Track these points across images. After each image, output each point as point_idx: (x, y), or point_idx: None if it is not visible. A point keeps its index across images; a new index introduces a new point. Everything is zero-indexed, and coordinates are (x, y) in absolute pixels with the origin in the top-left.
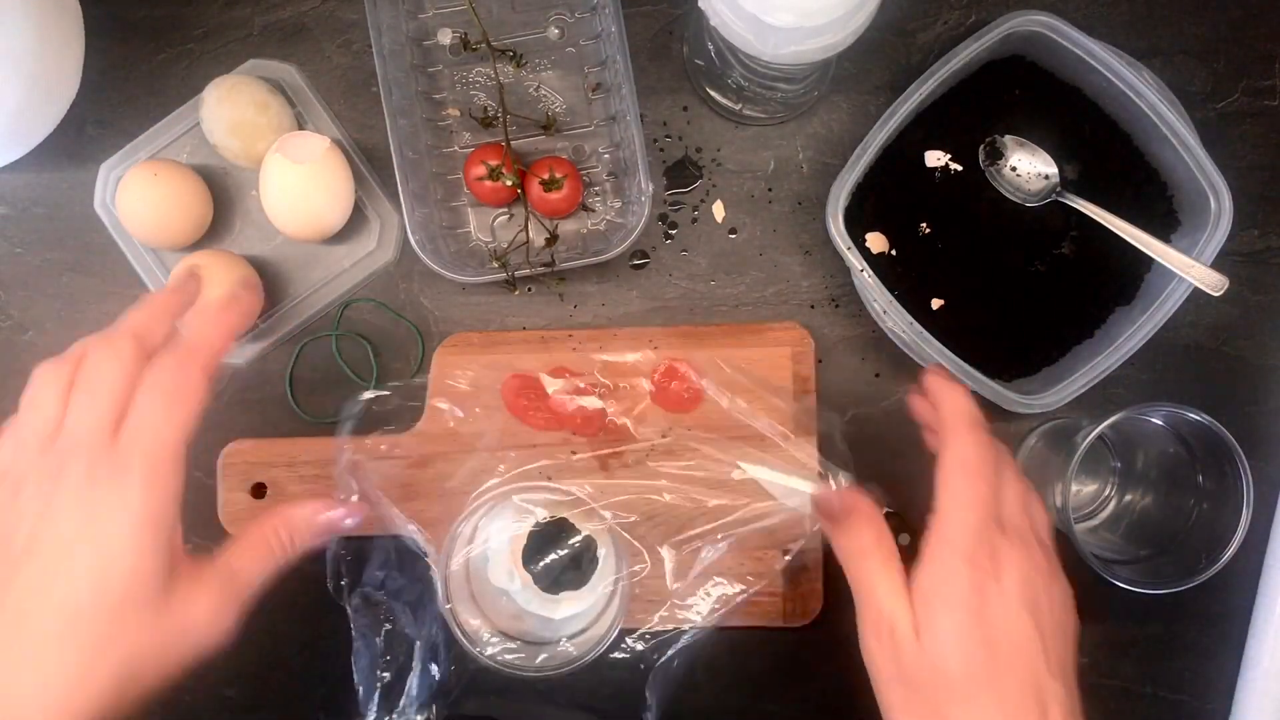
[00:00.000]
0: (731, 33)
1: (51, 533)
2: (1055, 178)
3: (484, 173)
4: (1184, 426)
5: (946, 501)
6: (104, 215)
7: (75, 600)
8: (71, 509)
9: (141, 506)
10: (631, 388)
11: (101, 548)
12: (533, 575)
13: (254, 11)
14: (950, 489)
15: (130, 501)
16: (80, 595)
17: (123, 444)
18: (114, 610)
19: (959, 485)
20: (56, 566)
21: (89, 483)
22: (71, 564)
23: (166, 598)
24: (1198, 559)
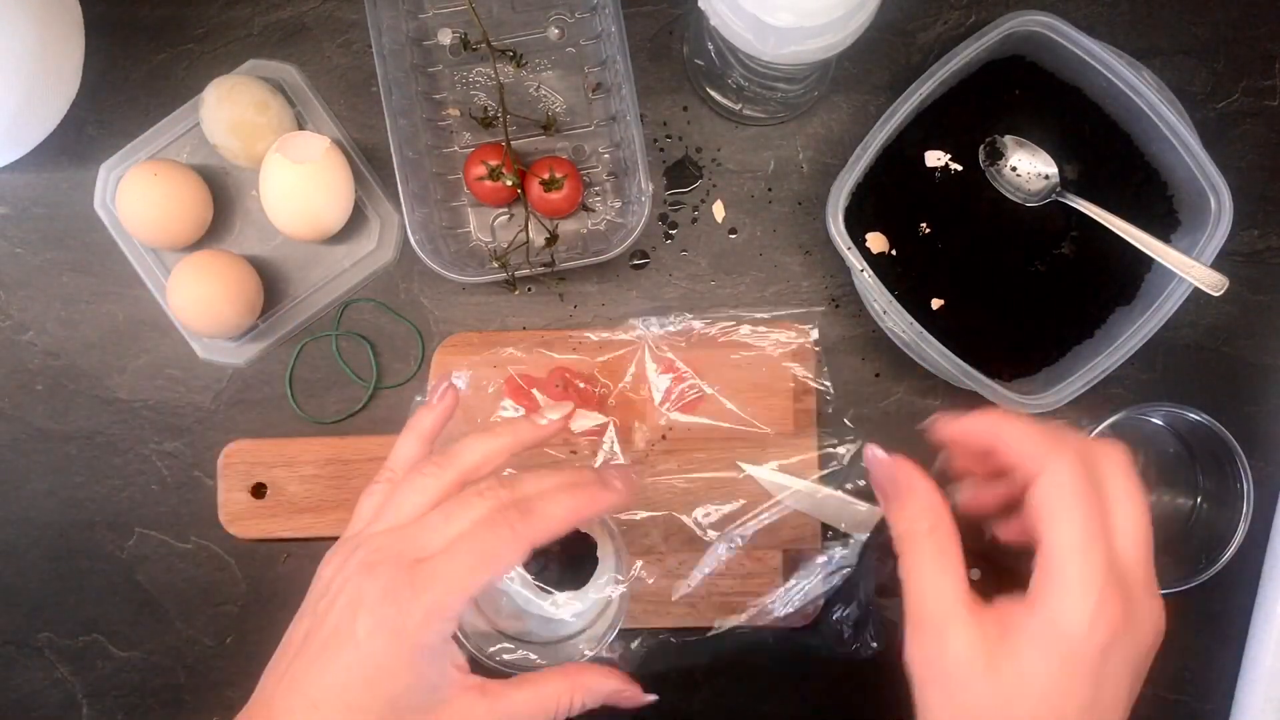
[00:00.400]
0: (731, 33)
1: (347, 627)
2: (1055, 178)
3: (484, 173)
4: (1184, 426)
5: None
6: (104, 215)
7: (351, 693)
8: (354, 610)
9: (417, 636)
10: (632, 388)
11: (377, 658)
12: (532, 575)
13: (254, 11)
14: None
15: (408, 628)
16: (354, 690)
17: (422, 576)
18: (382, 710)
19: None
20: (340, 657)
21: (381, 597)
22: (352, 660)
23: (435, 710)
24: (1198, 559)
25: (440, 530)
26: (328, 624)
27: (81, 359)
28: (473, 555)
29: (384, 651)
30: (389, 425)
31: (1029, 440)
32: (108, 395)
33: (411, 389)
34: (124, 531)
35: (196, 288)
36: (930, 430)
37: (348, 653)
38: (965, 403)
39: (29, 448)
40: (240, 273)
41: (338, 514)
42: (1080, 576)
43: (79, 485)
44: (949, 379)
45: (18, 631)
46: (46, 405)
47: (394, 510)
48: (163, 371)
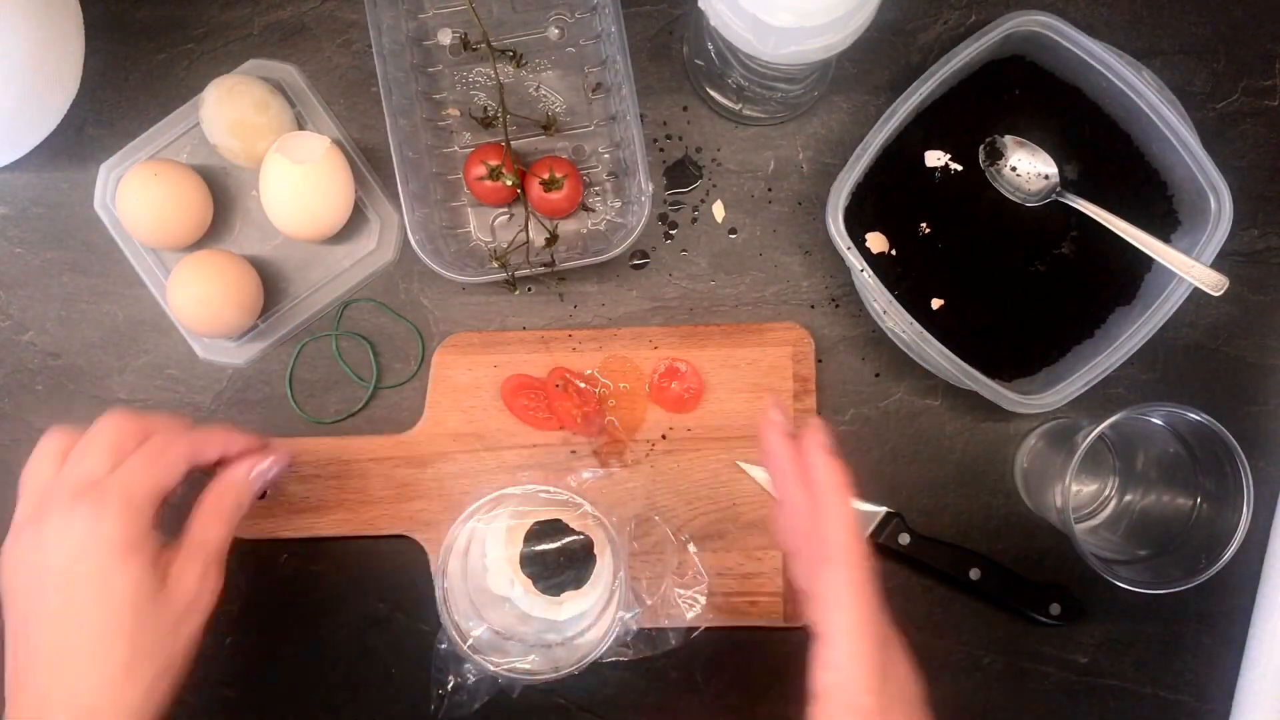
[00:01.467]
0: (731, 33)
1: (52, 564)
2: (1055, 178)
3: (484, 173)
4: (1184, 426)
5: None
6: (104, 215)
7: (94, 616)
8: (57, 545)
9: (117, 527)
10: (631, 388)
11: (96, 569)
12: (532, 579)
13: (254, 11)
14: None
15: (105, 528)
16: (95, 611)
17: (103, 485)
18: (126, 614)
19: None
20: (68, 591)
21: (66, 517)
22: (78, 587)
23: (162, 586)
24: (1198, 559)
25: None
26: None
27: (81, 359)
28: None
29: (100, 555)
30: (389, 425)
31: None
32: (108, 395)
33: (412, 389)
34: None
35: (196, 288)
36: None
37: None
38: (965, 402)
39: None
40: (240, 273)
41: (338, 514)
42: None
43: None
44: (949, 379)
45: None
46: (46, 405)
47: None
48: (163, 371)
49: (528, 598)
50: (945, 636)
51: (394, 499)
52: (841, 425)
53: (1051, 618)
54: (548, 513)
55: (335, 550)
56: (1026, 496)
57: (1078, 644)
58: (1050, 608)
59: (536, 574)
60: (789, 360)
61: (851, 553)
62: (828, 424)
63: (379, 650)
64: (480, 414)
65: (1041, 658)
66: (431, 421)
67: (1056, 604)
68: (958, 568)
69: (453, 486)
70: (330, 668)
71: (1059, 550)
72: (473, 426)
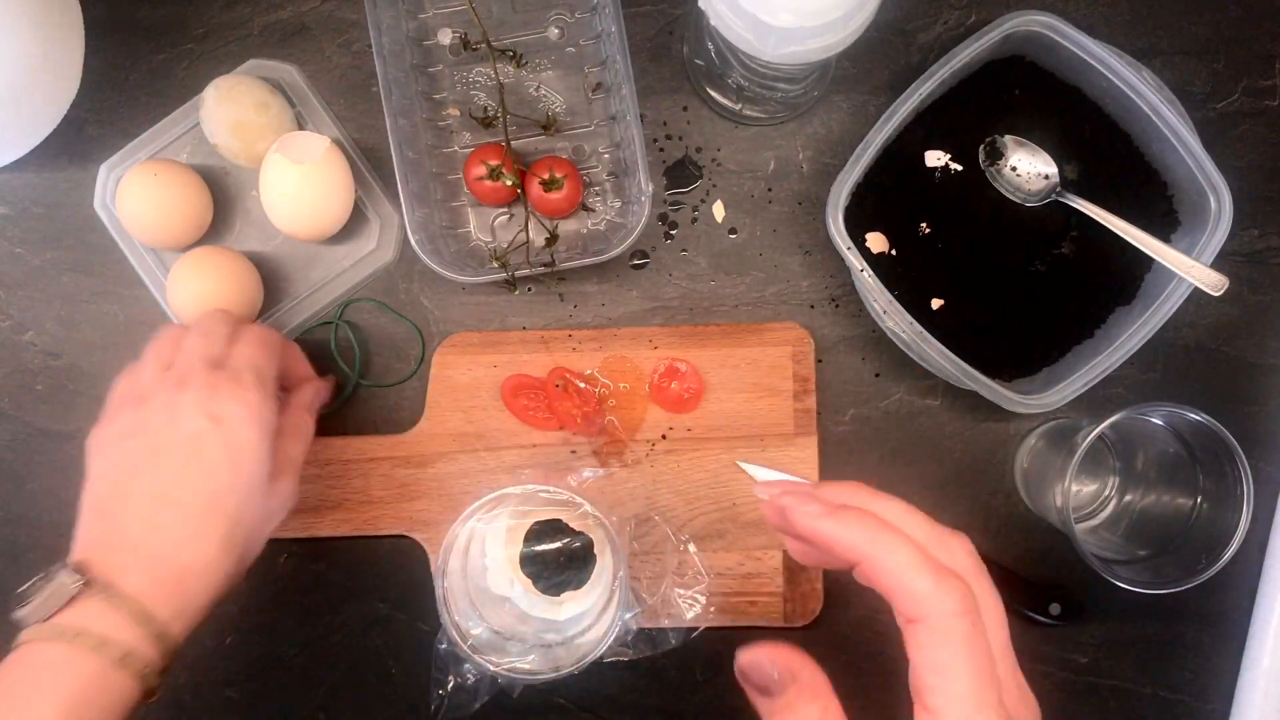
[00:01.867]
0: (731, 33)
1: (182, 430)
2: (1055, 178)
3: (484, 173)
4: (1184, 426)
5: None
6: (104, 215)
7: (214, 483)
8: (196, 411)
9: (259, 408)
10: (631, 388)
11: (231, 441)
12: (532, 579)
13: (254, 11)
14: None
15: (251, 403)
16: (218, 479)
17: (233, 365)
18: (243, 491)
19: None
20: (194, 456)
21: (210, 391)
22: (207, 454)
23: (271, 482)
24: (1198, 559)
25: (215, 350)
26: (171, 433)
27: (81, 359)
28: (252, 345)
29: (246, 436)
30: (389, 425)
31: (905, 579)
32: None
33: (412, 389)
34: None
35: (196, 285)
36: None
37: (209, 450)
38: (965, 402)
39: (29, 448)
40: (240, 270)
41: (337, 514)
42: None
43: (79, 485)
44: (949, 379)
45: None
46: (46, 405)
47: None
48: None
49: (528, 598)
50: None
51: (394, 499)
52: (841, 425)
53: (1051, 618)
54: (548, 513)
55: (335, 550)
56: (1026, 496)
57: (1078, 644)
58: (1050, 608)
59: (536, 574)
60: (789, 360)
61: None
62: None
63: (379, 650)
64: (480, 414)
65: (1041, 658)
66: (431, 421)
67: (1056, 604)
68: None
69: (453, 486)
70: (330, 668)
71: (1059, 550)
72: (473, 426)
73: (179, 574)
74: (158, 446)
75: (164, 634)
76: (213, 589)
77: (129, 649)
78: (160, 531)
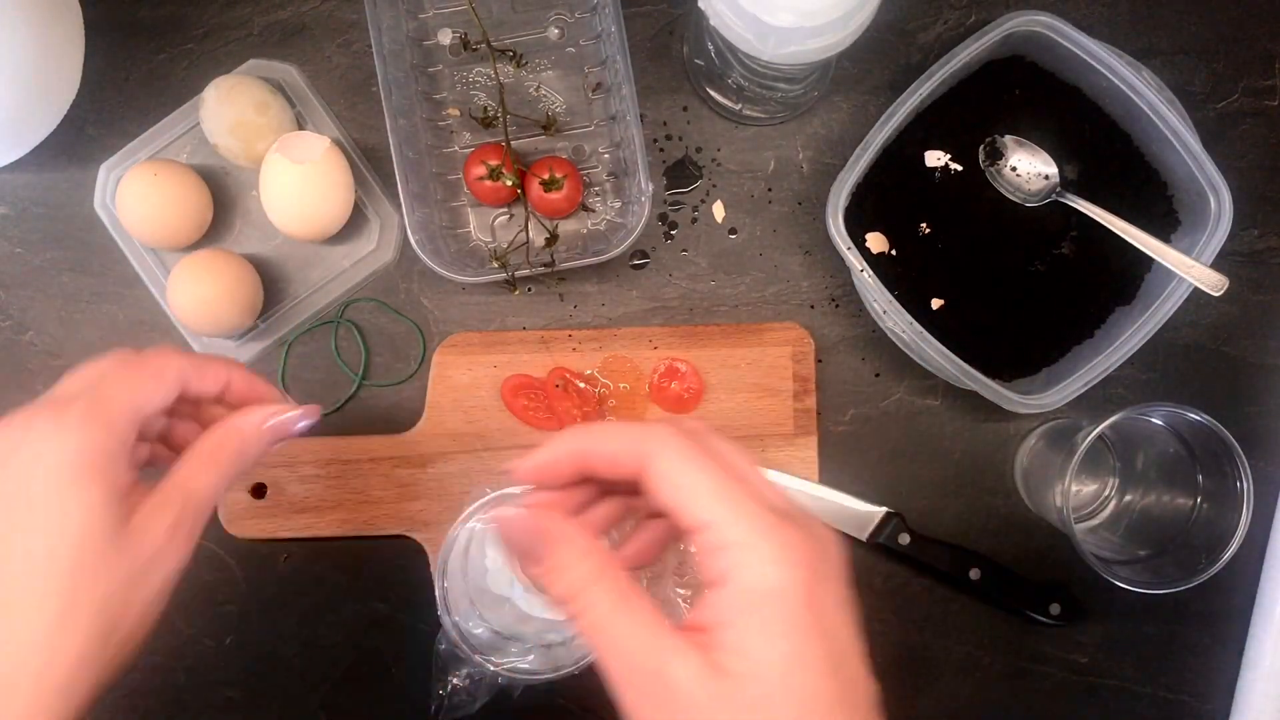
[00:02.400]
0: (731, 33)
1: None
2: (1055, 178)
3: (484, 173)
4: (1184, 426)
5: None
6: (104, 215)
7: (30, 552)
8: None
9: (77, 448)
10: (631, 388)
11: (41, 495)
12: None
13: (254, 11)
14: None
15: (63, 444)
16: (31, 544)
17: (68, 396)
18: (74, 555)
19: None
20: (2, 521)
21: (21, 431)
22: (16, 516)
23: (123, 529)
24: (1198, 559)
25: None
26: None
27: (81, 359)
28: (118, 373)
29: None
30: (388, 424)
31: (617, 438)
32: None
33: (412, 389)
34: None
35: (196, 288)
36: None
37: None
38: (965, 402)
39: None
40: (240, 272)
41: (338, 514)
42: (745, 520)
43: None
44: (949, 379)
45: None
46: None
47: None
48: None
49: (528, 598)
50: (945, 636)
51: (394, 499)
52: (841, 425)
53: (1051, 618)
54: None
55: (335, 550)
56: (1026, 496)
57: (1078, 644)
58: (1050, 608)
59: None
60: (789, 360)
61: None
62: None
63: (379, 650)
64: (480, 414)
65: (1041, 658)
66: (431, 421)
67: (1056, 604)
68: (958, 568)
69: (453, 486)
70: (330, 668)
71: (1059, 550)
72: (473, 426)
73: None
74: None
75: None
76: (77, 683)
77: None
78: None
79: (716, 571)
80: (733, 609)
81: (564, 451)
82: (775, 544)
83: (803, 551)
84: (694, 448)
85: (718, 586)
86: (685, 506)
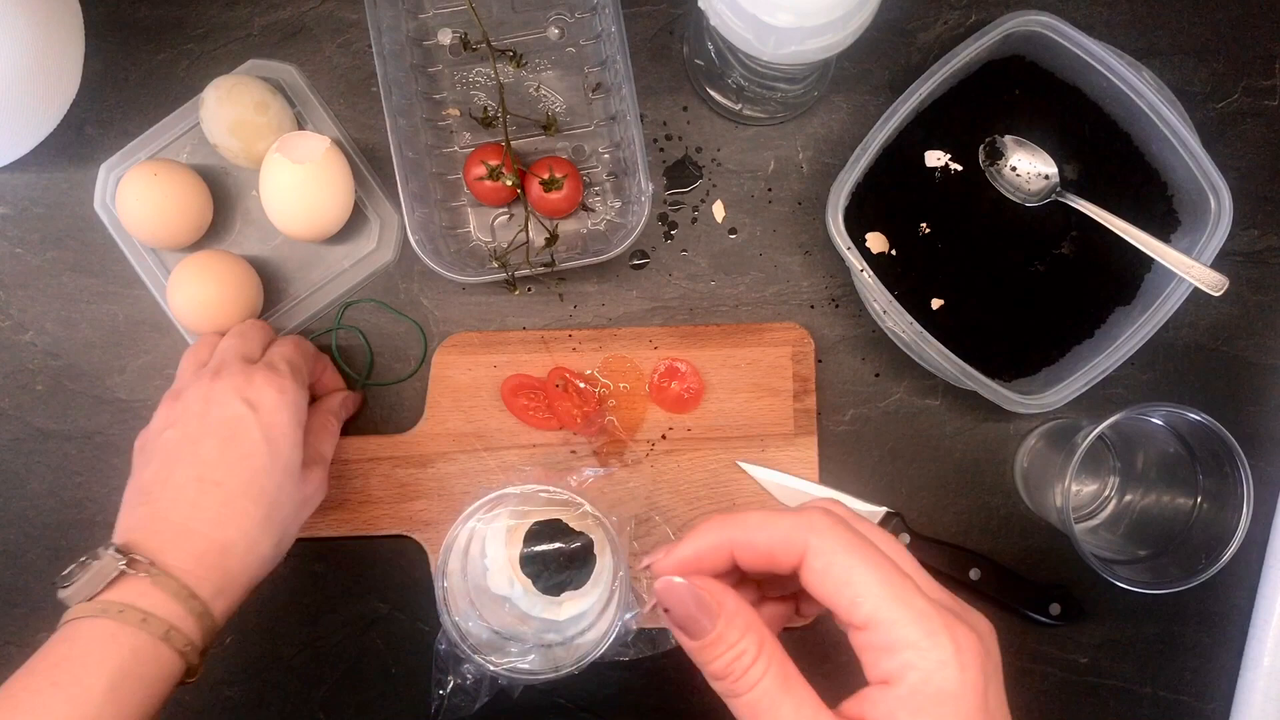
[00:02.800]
0: (731, 33)
1: (218, 415)
2: (1055, 178)
3: (484, 173)
4: (1184, 426)
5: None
6: (104, 215)
7: (252, 465)
8: (232, 396)
9: (293, 396)
10: (631, 388)
11: (267, 425)
12: (532, 580)
13: (254, 11)
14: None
15: (286, 389)
16: (257, 461)
17: (269, 358)
18: (280, 473)
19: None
20: (231, 439)
21: (245, 379)
22: (244, 437)
23: (303, 470)
24: (1198, 559)
25: (250, 349)
26: (209, 418)
27: (81, 359)
28: (287, 345)
29: (280, 420)
30: (389, 425)
31: (771, 528)
32: (108, 395)
33: (412, 389)
34: None
35: (196, 288)
36: (654, 570)
37: (245, 433)
38: (965, 402)
39: (29, 448)
40: (240, 273)
41: (338, 514)
42: (916, 621)
43: (79, 485)
44: (949, 379)
45: (18, 631)
46: (46, 405)
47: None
48: (163, 372)
49: (528, 598)
50: None
51: (394, 499)
52: (841, 425)
53: (1051, 618)
54: (548, 513)
55: (335, 550)
56: (1026, 496)
57: (1078, 644)
58: (1050, 608)
59: (536, 574)
60: (789, 360)
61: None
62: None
63: (379, 650)
64: (480, 414)
65: (1041, 658)
66: (431, 421)
67: (1056, 604)
68: (958, 568)
69: (453, 486)
70: (330, 668)
71: (1059, 550)
72: (473, 426)
73: (220, 553)
74: (196, 433)
75: (206, 612)
76: (252, 570)
77: (172, 624)
78: (201, 511)
79: (883, 672)
80: (904, 710)
81: (712, 542)
82: (950, 646)
83: (975, 653)
84: (855, 540)
85: (886, 685)
86: (849, 604)
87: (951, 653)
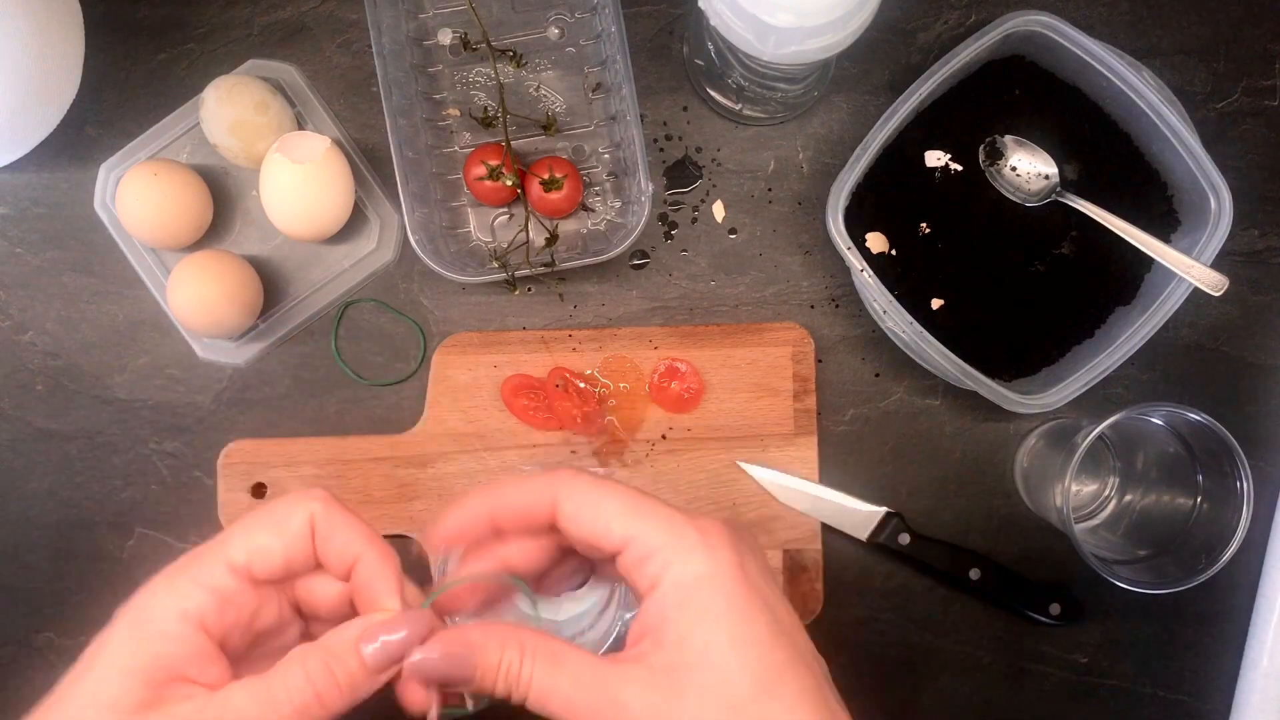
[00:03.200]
0: (731, 33)
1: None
2: (1055, 178)
3: (484, 173)
4: (1184, 426)
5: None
6: (104, 215)
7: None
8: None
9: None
10: (631, 388)
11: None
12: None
13: (254, 11)
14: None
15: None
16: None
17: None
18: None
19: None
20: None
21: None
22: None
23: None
24: (1198, 559)
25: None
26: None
27: (81, 359)
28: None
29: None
30: (388, 425)
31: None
32: (108, 395)
33: (411, 389)
34: (124, 531)
35: (196, 288)
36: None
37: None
38: (965, 402)
39: (29, 448)
40: (240, 273)
41: None
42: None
43: (79, 485)
44: (949, 379)
45: (18, 631)
46: (46, 405)
47: None
48: (163, 371)
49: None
50: (945, 636)
51: (394, 499)
52: (841, 425)
53: (1051, 618)
54: None
55: None
56: (1026, 496)
57: (1078, 644)
58: (1050, 608)
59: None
60: (789, 360)
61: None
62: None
63: None
64: (480, 414)
65: (1041, 658)
66: (431, 421)
67: (1056, 604)
68: (958, 568)
69: (453, 486)
70: None
71: (1059, 550)
72: (473, 426)
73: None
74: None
75: None
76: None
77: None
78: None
79: (647, 580)
80: (669, 605)
81: (473, 514)
82: (694, 536)
83: (721, 535)
84: (597, 480)
85: (653, 590)
86: (604, 532)
87: (697, 539)
